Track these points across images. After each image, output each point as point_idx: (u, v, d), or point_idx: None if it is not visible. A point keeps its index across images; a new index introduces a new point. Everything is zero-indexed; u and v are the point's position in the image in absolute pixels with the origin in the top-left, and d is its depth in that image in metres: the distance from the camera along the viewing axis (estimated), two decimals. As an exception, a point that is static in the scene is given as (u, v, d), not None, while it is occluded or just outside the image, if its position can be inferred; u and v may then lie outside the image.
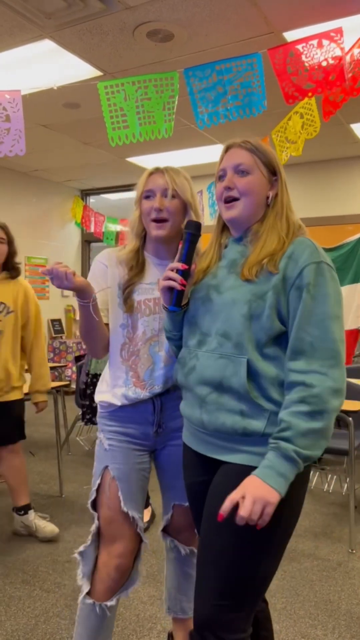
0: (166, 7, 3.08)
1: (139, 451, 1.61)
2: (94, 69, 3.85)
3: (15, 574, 2.50)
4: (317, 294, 1.18)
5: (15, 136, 2.84)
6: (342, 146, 5.60)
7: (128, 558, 1.57)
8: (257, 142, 1.33)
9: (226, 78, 2.73)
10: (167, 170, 1.54)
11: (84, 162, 6.35)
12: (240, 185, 1.29)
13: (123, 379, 1.57)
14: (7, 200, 6.67)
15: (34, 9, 3.06)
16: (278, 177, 1.32)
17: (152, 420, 1.59)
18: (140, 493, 1.62)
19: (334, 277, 1.22)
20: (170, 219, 1.52)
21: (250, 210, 1.30)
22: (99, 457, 1.63)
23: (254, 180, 1.29)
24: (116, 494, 1.56)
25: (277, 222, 1.29)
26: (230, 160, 1.32)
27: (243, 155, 1.31)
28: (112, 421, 1.61)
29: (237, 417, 1.21)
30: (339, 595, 2.37)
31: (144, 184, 1.55)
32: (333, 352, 1.16)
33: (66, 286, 1.36)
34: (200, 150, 5.74)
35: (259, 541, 1.19)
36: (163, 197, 1.51)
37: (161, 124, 2.85)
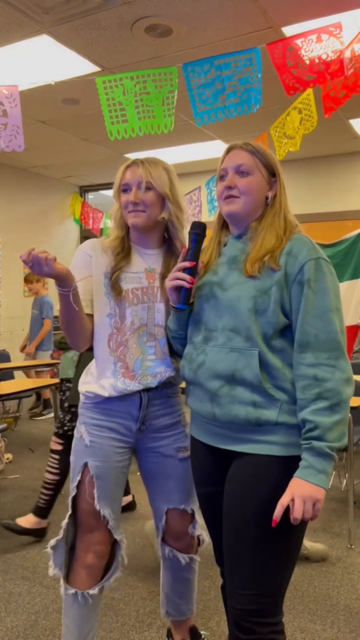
0: (164, 2, 3.06)
1: (121, 448, 1.59)
2: (92, 65, 3.83)
3: (15, 570, 2.51)
4: (318, 288, 1.24)
5: (13, 132, 2.83)
6: (341, 142, 5.59)
7: (105, 545, 1.59)
8: (258, 145, 1.39)
9: (225, 73, 2.72)
10: (144, 162, 1.53)
11: (83, 158, 6.34)
12: (241, 185, 1.34)
13: (111, 370, 1.54)
14: (6, 196, 6.66)
15: (31, 4, 3.05)
16: (277, 179, 1.38)
17: (137, 416, 1.57)
18: (118, 490, 1.61)
19: (331, 272, 1.28)
20: (147, 210, 1.52)
21: (249, 207, 1.35)
22: (77, 451, 1.60)
23: (254, 180, 1.34)
24: (92, 491, 1.56)
25: (275, 220, 1.34)
26: (232, 161, 1.36)
27: (244, 156, 1.36)
28: (96, 414, 1.57)
29: (250, 408, 1.25)
30: (337, 590, 2.37)
31: (121, 177, 1.55)
32: (337, 344, 1.23)
33: (46, 272, 1.32)
34: (198, 146, 5.73)
35: (286, 528, 1.24)
36: (138, 190, 1.51)
37: (160, 119, 2.84)
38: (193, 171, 6.74)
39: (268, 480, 1.25)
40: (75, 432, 1.63)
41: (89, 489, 1.56)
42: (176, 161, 6.31)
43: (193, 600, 1.81)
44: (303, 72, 2.64)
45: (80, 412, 1.62)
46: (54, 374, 6.18)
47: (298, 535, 1.30)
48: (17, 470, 3.92)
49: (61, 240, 7.58)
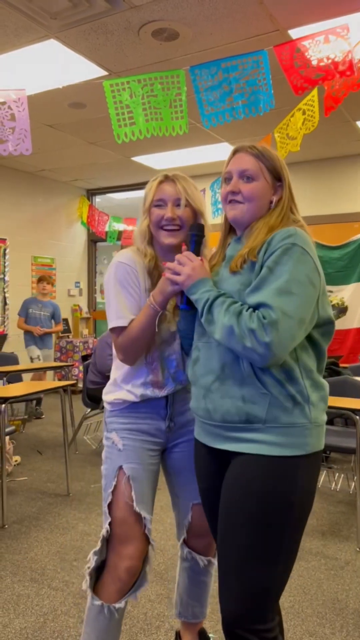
0: (171, 6, 3.07)
1: (152, 450, 1.61)
2: (99, 69, 3.85)
3: (24, 572, 2.52)
4: (276, 268, 1.21)
5: (21, 135, 2.85)
6: (348, 144, 5.57)
7: (138, 560, 1.55)
8: (264, 148, 1.38)
9: (232, 76, 2.72)
10: (178, 179, 1.53)
11: (90, 161, 6.37)
12: (245, 191, 1.34)
13: (142, 380, 1.57)
14: (13, 199, 6.69)
15: (39, 9, 3.07)
16: (283, 183, 1.37)
17: (165, 414, 1.60)
18: (152, 493, 1.61)
19: (302, 260, 1.22)
20: (184, 227, 1.51)
21: (252, 213, 1.36)
22: (111, 457, 1.60)
23: (258, 186, 1.34)
24: (130, 494, 1.54)
25: (272, 218, 1.34)
26: (237, 165, 1.37)
27: (249, 161, 1.35)
28: (126, 418, 1.59)
29: (239, 402, 1.24)
30: (346, 593, 2.36)
31: (154, 193, 1.52)
32: (272, 320, 1.16)
33: (177, 289, 1.39)
34: (205, 148, 5.74)
35: (280, 527, 1.22)
36: (175, 207, 1.50)
37: (168, 121, 2.85)
38: (199, 174, 6.75)
39: (256, 481, 1.23)
40: (105, 440, 1.64)
41: (126, 491, 1.55)
42: (182, 164, 6.33)
43: (207, 603, 1.81)
44: (311, 72, 2.64)
45: (109, 420, 1.64)
46: (61, 376, 6.21)
47: (292, 536, 1.25)
48: (25, 473, 3.93)
49: (68, 243, 7.61)
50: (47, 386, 4.17)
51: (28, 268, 6.93)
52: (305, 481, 1.25)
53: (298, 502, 1.24)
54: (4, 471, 3.31)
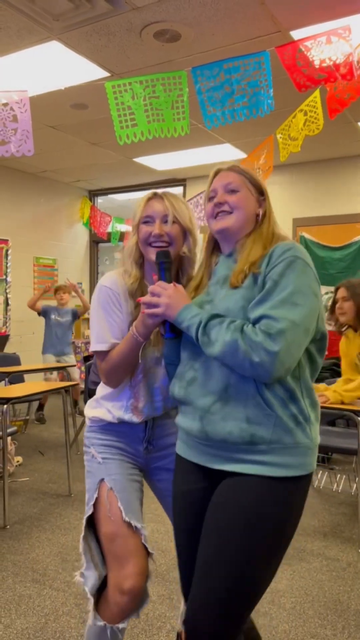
0: (173, 8, 3.08)
1: (132, 464, 1.60)
2: (101, 70, 3.86)
3: (25, 573, 2.52)
4: (281, 281, 1.21)
5: (23, 136, 2.86)
6: (350, 144, 5.57)
7: (140, 577, 1.48)
8: (245, 167, 1.41)
9: (234, 77, 2.72)
10: (166, 196, 1.52)
11: (92, 162, 6.37)
12: (231, 201, 1.35)
13: (123, 405, 1.57)
14: (16, 200, 6.70)
15: (41, 10, 3.08)
16: (265, 197, 1.40)
17: (143, 437, 1.60)
18: (139, 503, 1.57)
19: (305, 272, 1.23)
20: (172, 244, 1.50)
21: (240, 222, 1.36)
22: (91, 471, 1.59)
23: (243, 197, 1.36)
24: (116, 505, 1.51)
25: (262, 233, 1.35)
26: (220, 181, 1.38)
27: (232, 176, 1.38)
28: (104, 434, 1.60)
29: (243, 424, 1.21)
30: (348, 595, 2.36)
31: (143, 210, 1.52)
32: (278, 330, 1.15)
33: (157, 322, 1.37)
34: (207, 149, 5.74)
35: (264, 553, 1.20)
36: (163, 223, 1.49)
37: (170, 122, 2.85)
38: (200, 175, 6.76)
39: (252, 501, 1.20)
40: (85, 455, 1.64)
41: (111, 504, 1.52)
42: (184, 165, 6.34)
43: None
44: (314, 71, 2.64)
45: (87, 435, 1.64)
46: (63, 377, 6.22)
47: (280, 557, 1.25)
48: (27, 473, 3.94)
49: (70, 243, 7.62)
50: (49, 387, 4.17)
51: (30, 269, 6.94)
52: (301, 501, 1.25)
53: (291, 522, 1.23)
54: (6, 472, 3.31)
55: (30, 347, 6.59)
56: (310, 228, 6.24)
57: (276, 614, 2.21)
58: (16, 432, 4.18)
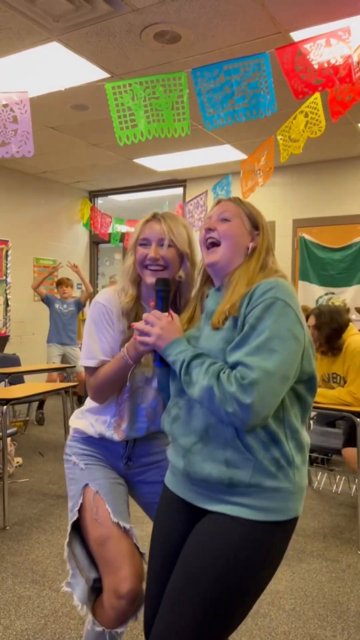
0: (173, 9, 3.08)
1: (114, 472, 1.60)
2: (101, 71, 3.86)
3: (25, 574, 2.52)
4: (258, 325, 1.16)
5: (23, 137, 2.86)
6: (351, 145, 5.58)
7: (137, 579, 1.44)
8: (246, 201, 1.40)
9: (234, 78, 2.73)
10: (165, 218, 1.50)
11: (92, 163, 6.38)
12: (221, 229, 1.34)
13: (107, 421, 1.57)
14: (16, 201, 6.71)
15: (41, 12, 3.08)
16: (260, 232, 1.37)
17: (122, 453, 1.60)
18: (125, 507, 1.56)
19: (285, 315, 1.17)
20: (168, 267, 1.48)
21: (229, 255, 1.33)
22: (74, 478, 1.58)
23: (234, 226, 1.35)
24: (104, 507, 1.49)
25: (250, 267, 1.31)
26: (217, 210, 1.39)
27: (229, 205, 1.38)
28: (85, 445, 1.61)
29: (222, 466, 1.19)
30: (348, 596, 2.36)
31: (140, 231, 1.50)
32: (251, 380, 1.11)
33: (147, 350, 1.36)
34: (207, 150, 5.74)
35: (235, 594, 1.18)
36: (159, 247, 1.47)
37: (170, 123, 2.85)
38: (201, 176, 6.76)
39: (230, 542, 1.18)
40: (65, 463, 1.63)
41: (99, 506, 1.50)
42: (185, 166, 6.34)
43: None
44: (312, 77, 2.64)
45: (69, 444, 1.65)
46: (63, 378, 6.22)
47: (254, 595, 1.22)
48: (27, 474, 3.94)
49: (71, 244, 7.63)
50: (49, 388, 4.18)
51: (30, 270, 6.94)
52: (281, 546, 1.22)
53: (268, 565, 1.21)
54: (6, 473, 3.31)
55: (30, 348, 6.59)
56: (310, 229, 6.24)
57: (276, 615, 2.21)
58: (16, 433, 4.18)
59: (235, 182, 4.73)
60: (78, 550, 1.54)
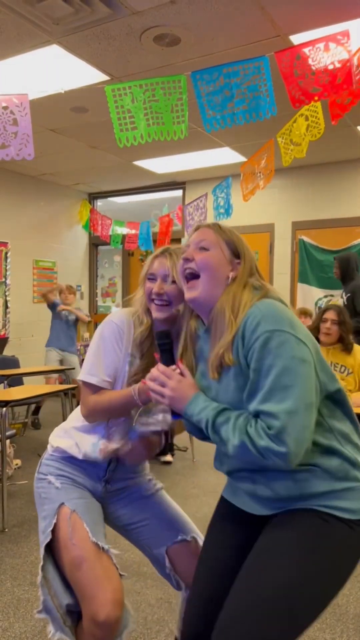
0: (173, 12, 3.09)
1: (90, 494, 1.57)
2: (101, 74, 3.87)
3: (24, 576, 2.51)
4: (261, 367, 1.13)
5: (23, 140, 2.86)
6: (349, 148, 5.59)
7: (115, 606, 1.35)
8: (225, 226, 1.34)
9: (233, 81, 2.73)
10: (173, 255, 1.51)
11: (92, 165, 6.38)
12: (198, 259, 1.29)
13: (94, 442, 1.54)
14: (15, 203, 6.71)
15: (41, 15, 3.09)
16: (241, 261, 1.30)
17: (102, 476, 1.58)
18: (102, 527, 1.52)
19: (285, 344, 1.13)
20: (172, 302, 1.49)
21: (209, 288, 1.28)
22: (49, 497, 1.53)
23: (212, 255, 1.29)
24: (82, 527, 1.44)
25: (226, 305, 1.23)
26: (195, 237, 1.34)
27: (207, 233, 1.33)
28: (64, 466, 1.57)
29: (289, 483, 1.19)
30: (347, 599, 2.35)
31: (149, 266, 1.54)
32: (278, 429, 1.09)
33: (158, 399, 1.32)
34: (207, 153, 5.75)
35: (317, 583, 1.15)
36: (163, 282, 1.49)
37: (170, 126, 2.86)
38: (201, 178, 6.77)
39: (312, 530, 1.16)
40: (38, 482, 1.59)
41: (75, 528, 1.44)
42: (184, 168, 6.35)
43: None
44: (309, 84, 2.65)
45: (45, 462, 1.61)
46: (62, 380, 6.22)
47: (323, 605, 1.18)
48: (26, 476, 3.93)
49: (70, 246, 7.63)
50: (48, 390, 4.18)
51: (29, 272, 6.94)
52: (353, 543, 1.20)
53: (347, 566, 1.19)
54: (5, 474, 3.31)
55: (29, 350, 6.59)
56: (309, 231, 6.25)
57: (275, 618, 2.20)
58: (15, 435, 4.18)
59: (235, 184, 4.74)
60: (51, 574, 1.48)
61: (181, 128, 2.88)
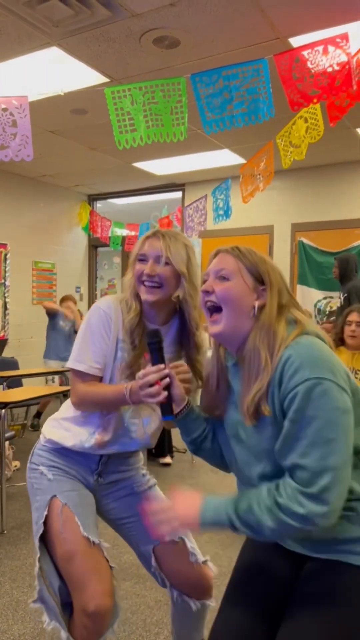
0: (172, 14, 3.10)
1: (82, 486, 1.56)
2: (101, 76, 3.88)
3: (23, 579, 2.51)
4: (302, 419, 1.05)
5: (22, 141, 2.87)
6: (348, 150, 5.60)
7: (105, 597, 1.39)
8: (248, 250, 1.24)
9: (232, 84, 2.74)
10: (165, 236, 1.46)
11: (91, 167, 6.39)
12: (218, 290, 1.20)
13: (89, 432, 1.51)
14: (15, 205, 6.72)
15: (41, 17, 3.09)
16: (267, 287, 1.20)
17: (95, 469, 1.56)
18: (94, 520, 1.52)
19: (327, 394, 1.05)
20: (163, 284, 1.44)
21: (233, 321, 1.19)
22: (41, 489, 1.52)
23: (233, 286, 1.19)
24: (73, 520, 1.44)
25: (260, 342, 1.15)
26: (215, 265, 1.25)
27: (227, 260, 1.22)
28: (56, 457, 1.55)
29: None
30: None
31: (140, 247, 1.49)
32: (321, 488, 1.03)
33: (155, 400, 1.30)
34: (206, 155, 5.76)
35: None
36: (155, 263, 1.44)
37: (169, 128, 2.87)
38: (200, 180, 6.78)
39: (344, 587, 1.11)
40: (30, 472, 1.58)
41: (66, 521, 1.44)
42: (183, 170, 6.35)
43: (204, 628, 1.70)
44: (308, 87, 2.66)
45: (37, 452, 1.59)
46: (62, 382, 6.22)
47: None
48: (25, 478, 3.91)
49: (69, 248, 7.63)
50: (47, 391, 4.18)
51: (29, 273, 6.94)
52: None
53: None
54: (4, 476, 3.30)
55: (29, 352, 6.59)
56: (308, 233, 6.26)
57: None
58: (14, 437, 4.18)
59: (235, 186, 4.74)
60: (47, 565, 1.49)
61: (180, 130, 2.88)
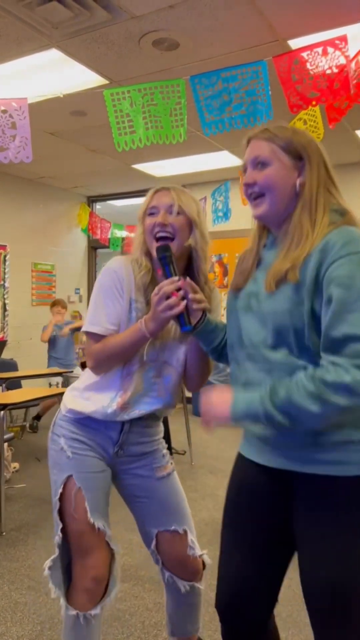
0: (172, 16, 3.10)
1: (100, 462, 1.56)
2: (100, 78, 3.88)
3: (21, 580, 2.51)
4: (352, 283, 1.03)
5: (22, 143, 2.87)
6: (347, 152, 5.61)
7: (103, 567, 1.53)
8: (278, 128, 1.21)
9: (231, 86, 2.75)
10: (173, 188, 1.49)
11: (91, 169, 6.40)
12: (260, 180, 1.19)
13: (110, 397, 1.50)
14: (14, 206, 6.72)
15: (41, 19, 3.10)
16: (306, 162, 1.18)
17: (116, 440, 1.55)
18: (106, 500, 1.57)
19: None
20: (176, 235, 1.44)
21: (276, 205, 1.19)
22: (59, 464, 1.54)
23: (273, 172, 1.18)
24: (83, 505, 1.50)
25: (302, 217, 1.16)
26: (249, 154, 1.22)
27: (261, 146, 1.20)
28: (77, 428, 1.54)
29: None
30: None
31: (149, 201, 1.49)
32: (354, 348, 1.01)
33: (169, 316, 1.31)
34: (205, 156, 5.77)
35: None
36: (167, 214, 1.45)
37: (168, 129, 2.87)
38: (199, 181, 6.78)
39: (338, 506, 1.11)
40: (51, 443, 1.59)
41: (77, 504, 1.50)
42: (183, 172, 6.36)
43: (198, 619, 1.76)
44: (307, 89, 2.66)
45: (59, 423, 1.58)
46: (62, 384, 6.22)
47: None
48: (24, 479, 3.92)
49: (69, 249, 7.63)
50: (47, 393, 4.17)
51: (28, 274, 6.94)
52: None
53: None
54: (2, 478, 3.30)
55: (28, 353, 6.58)
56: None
57: (273, 622, 2.20)
58: (13, 438, 4.17)
59: (234, 187, 4.75)
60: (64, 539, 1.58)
61: (180, 132, 2.89)
